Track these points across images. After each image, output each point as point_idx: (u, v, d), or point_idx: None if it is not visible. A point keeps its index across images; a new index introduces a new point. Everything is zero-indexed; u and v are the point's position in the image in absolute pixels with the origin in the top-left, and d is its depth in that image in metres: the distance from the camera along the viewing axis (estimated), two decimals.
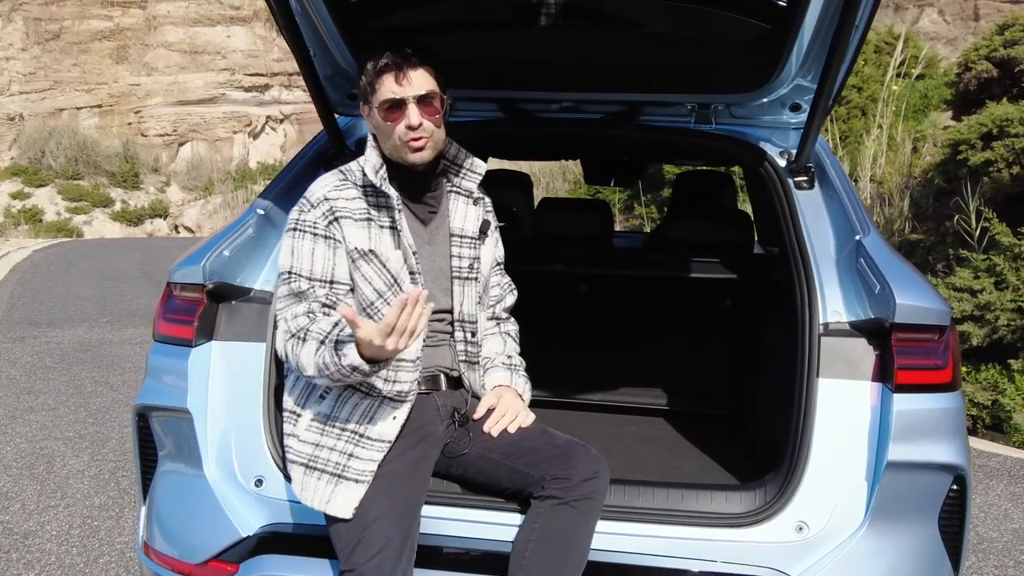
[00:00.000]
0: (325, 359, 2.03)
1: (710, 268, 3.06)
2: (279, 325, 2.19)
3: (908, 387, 2.12)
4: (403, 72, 2.19)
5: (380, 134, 2.28)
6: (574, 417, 3.17)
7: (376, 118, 2.25)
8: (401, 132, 2.21)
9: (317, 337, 2.06)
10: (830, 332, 2.24)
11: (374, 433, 2.18)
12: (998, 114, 7.21)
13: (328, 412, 2.19)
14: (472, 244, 2.41)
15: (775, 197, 2.58)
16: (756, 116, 2.81)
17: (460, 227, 2.40)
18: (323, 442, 2.17)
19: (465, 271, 2.39)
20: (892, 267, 2.22)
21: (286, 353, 2.14)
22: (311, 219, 2.21)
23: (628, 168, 4.54)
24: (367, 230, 2.23)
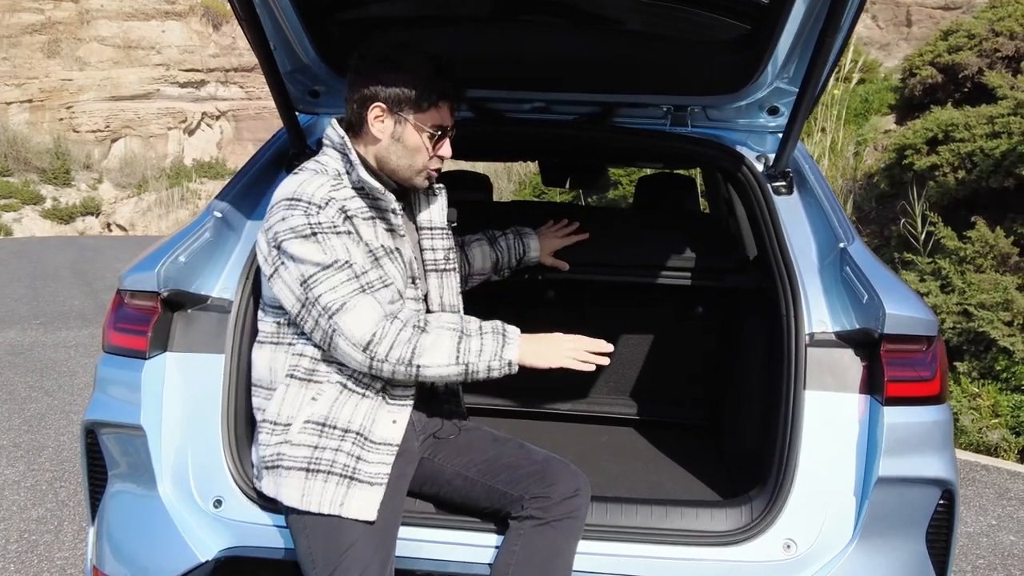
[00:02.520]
0: (481, 346, 1.98)
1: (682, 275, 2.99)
2: (348, 316, 1.95)
3: (898, 400, 2.07)
4: (456, 106, 2.17)
5: (399, 149, 2.13)
6: (544, 428, 3.07)
7: (410, 134, 2.12)
8: (428, 159, 2.15)
9: (452, 327, 1.99)
10: (816, 342, 2.19)
11: (377, 436, 2.06)
12: (944, 119, 7.28)
13: (325, 413, 2.05)
14: (443, 235, 2.34)
15: (754, 203, 2.52)
16: (733, 119, 2.75)
17: (428, 219, 2.32)
18: (323, 443, 2.03)
19: (441, 263, 2.32)
20: (879, 276, 2.17)
21: (394, 342, 1.94)
22: (327, 219, 2.00)
23: (586, 170, 4.46)
24: (374, 230, 2.11)
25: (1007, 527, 4.51)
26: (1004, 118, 6.74)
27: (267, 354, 2.14)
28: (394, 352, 1.95)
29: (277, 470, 2.05)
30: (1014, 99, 6.67)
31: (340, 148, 2.12)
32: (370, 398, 2.07)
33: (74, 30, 31.52)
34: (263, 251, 2.06)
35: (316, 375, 2.07)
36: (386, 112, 2.10)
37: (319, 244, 1.98)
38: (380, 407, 2.08)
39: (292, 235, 1.99)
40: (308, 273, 1.97)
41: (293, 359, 2.09)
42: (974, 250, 6.37)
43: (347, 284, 1.97)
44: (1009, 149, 6.57)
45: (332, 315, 1.96)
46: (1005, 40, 7.81)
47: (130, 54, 31.76)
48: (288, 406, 2.07)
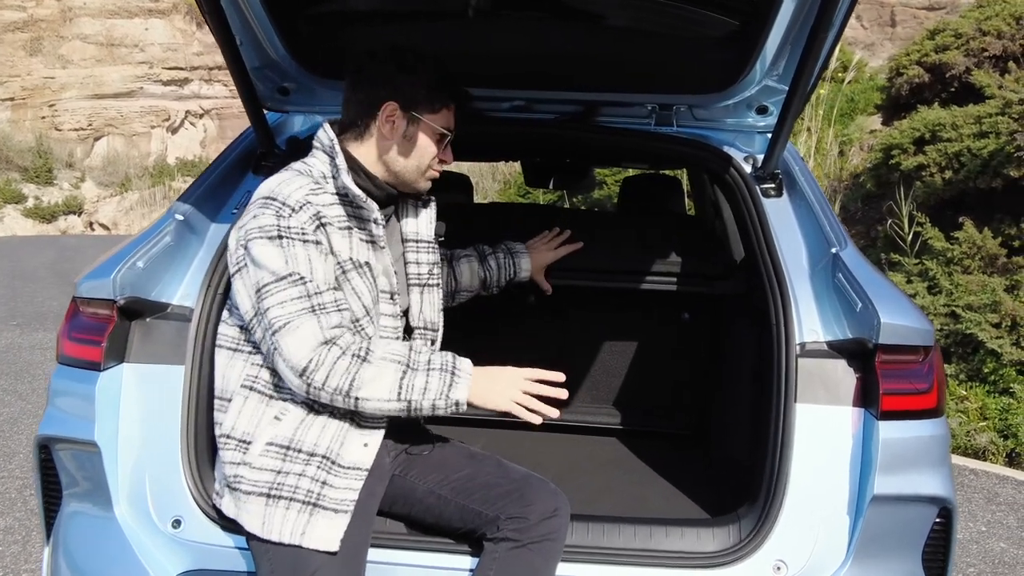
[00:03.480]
0: (426, 383, 1.86)
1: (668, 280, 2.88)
2: (289, 337, 1.84)
3: (893, 414, 1.97)
4: (461, 111, 2.16)
5: (410, 149, 2.08)
6: (525, 438, 2.96)
7: (423, 134, 2.07)
8: (433, 161, 2.11)
9: (397, 360, 1.88)
10: (807, 353, 2.08)
11: (346, 460, 1.95)
12: (931, 119, 7.25)
13: (289, 436, 1.93)
14: (429, 248, 2.25)
15: (742, 206, 2.41)
16: (720, 119, 2.64)
17: (414, 232, 2.23)
18: (286, 468, 1.91)
19: (425, 277, 2.23)
20: (873, 283, 2.07)
21: (331, 371, 1.84)
22: (297, 224, 1.90)
23: (570, 171, 4.36)
24: (348, 240, 2.00)
25: (997, 534, 4.44)
26: (992, 118, 6.72)
27: (223, 360, 2.03)
28: (331, 382, 1.84)
29: (237, 492, 1.94)
30: (1002, 98, 6.62)
31: (329, 151, 2.04)
32: (339, 419, 1.96)
33: (56, 28, 31.31)
34: (232, 250, 1.97)
35: (279, 391, 1.96)
36: (399, 111, 2.04)
37: (282, 250, 1.88)
38: (351, 429, 1.97)
39: (259, 235, 1.90)
40: (263, 281, 1.88)
41: (252, 369, 1.98)
42: (962, 251, 6.35)
43: (296, 301, 1.87)
44: (997, 149, 6.54)
45: (275, 332, 1.86)
46: (992, 39, 7.77)
47: (113, 52, 31.55)
48: (246, 421, 1.96)
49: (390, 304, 2.09)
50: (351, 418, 1.97)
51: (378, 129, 2.05)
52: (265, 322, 1.87)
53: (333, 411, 1.96)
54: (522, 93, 2.63)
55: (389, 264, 2.09)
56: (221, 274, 2.23)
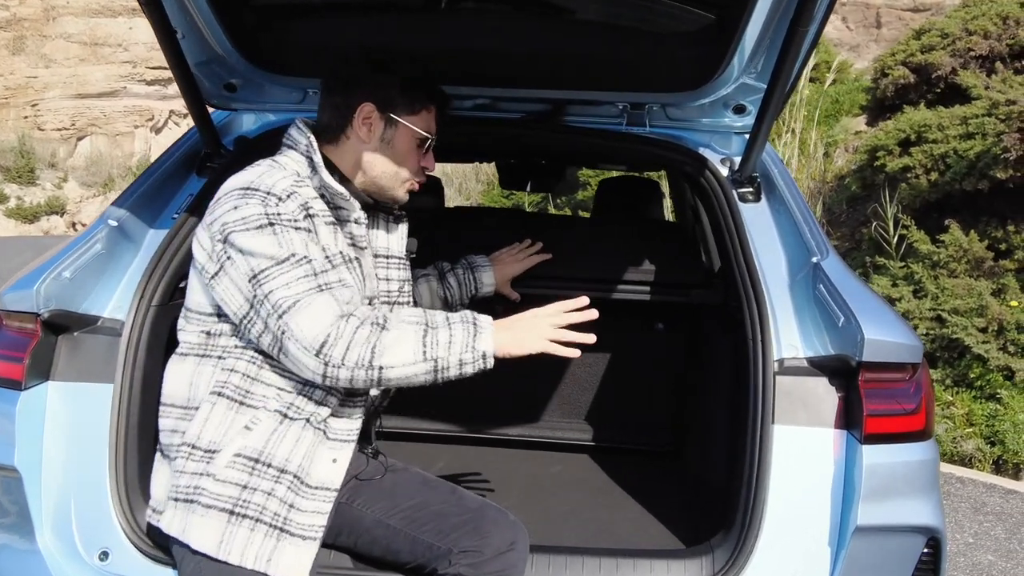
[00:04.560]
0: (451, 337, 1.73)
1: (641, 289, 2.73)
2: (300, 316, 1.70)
3: (878, 437, 1.83)
4: (441, 114, 2.05)
5: (388, 154, 1.97)
6: (491, 455, 2.81)
7: (402, 137, 1.97)
8: (413, 169, 2.01)
9: (415, 320, 1.76)
10: (786, 370, 1.94)
11: (314, 479, 1.81)
12: (916, 119, 7.17)
13: (259, 448, 1.78)
14: (400, 265, 2.14)
15: (717, 211, 2.27)
16: (695, 119, 2.50)
17: (385, 247, 2.11)
18: (253, 483, 1.76)
19: (395, 294, 2.11)
20: (857, 295, 1.93)
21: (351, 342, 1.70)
22: (287, 211, 1.78)
23: (546, 172, 4.22)
24: (333, 237, 1.88)
25: (985, 545, 4.33)
26: (978, 119, 6.65)
27: (189, 367, 1.86)
28: (351, 354, 1.69)
29: (191, 505, 1.77)
30: (989, 99, 6.54)
31: (305, 151, 1.91)
32: (311, 432, 1.82)
33: (40, 27, 31.03)
34: (205, 247, 1.82)
35: (250, 398, 1.81)
36: (376, 112, 1.94)
37: (275, 236, 1.75)
38: (320, 443, 1.84)
39: (243, 226, 1.75)
40: (259, 267, 1.74)
41: (222, 375, 1.82)
42: (948, 254, 6.27)
43: (303, 281, 1.73)
44: (983, 150, 6.46)
45: (283, 314, 1.71)
46: (979, 39, 7.69)
47: (96, 51, 31.28)
48: (212, 429, 1.80)
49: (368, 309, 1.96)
50: (322, 432, 1.84)
51: (355, 132, 1.94)
52: (267, 307, 1.72)
53: (306, 423, 1.82)
54: (486, 91, 2.48)
55: (371, 267, 1.98)
56: (156, 284, 2.07)
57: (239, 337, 1.82)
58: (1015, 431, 5.41)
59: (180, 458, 1.81)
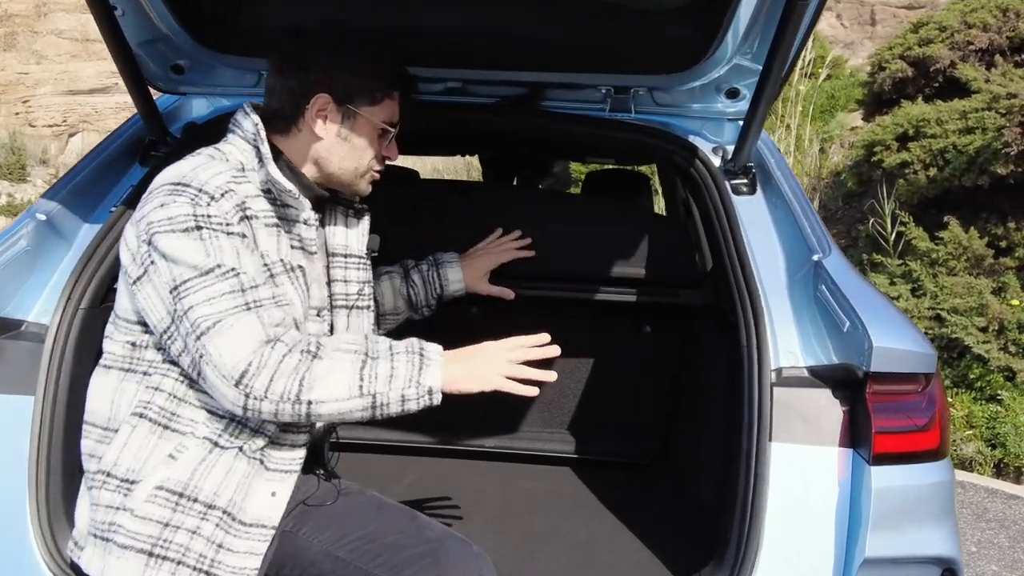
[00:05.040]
0: (392, 370, 1.54)
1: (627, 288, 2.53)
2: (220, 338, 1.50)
3: (888, 457, 1.63)
4: (407, 99, 1.88)
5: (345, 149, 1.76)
6: (464, 468, 2.61)
7: (361, 130, 1.77)
8: (373, 161, 1.82)
9: (353, 349, 1.56)
10: (784, 381, 1.74)
11: (249, 515, 1.61)
12: (915, 114, 7.01)
13: (184, 480, 1.57)
14: (360, 265, 1.93)
15: (708, 204, 2.07)
16: (685, 104, 2.29)
17: (343, 245, 1.91)
18: (176, 521, 1.56)
19: (353, 297, 1.91)
20: (863, 297, 1.73)
21: (275, 372, 1.50)
22: (219, 213, 1.57)
23: (531, 165, 4.03)
24: (276, 240, 1.67)
25: (989, 555, 4.17)
26: (978, 113, 6.47)
27: (111, 382, 1.66)
28: (276, 386, 1.49)
29: (108, 544, 1.57)
30: (989, 92, 6.38)
31: (252, 139, 1.69)
32: (246, 462, 1.62)
33: (31, 23, 30.79)
34: (131, 247, 1.61)
35: (176, 422, 1.60)
36: (333, 104, 1.73)
37: (202, 242, 1.54)
38: (257, 474, 1.63)
39: (169, 227, 1.54)
40: (182, 277, 1.53)
41: (146, 393, 1.61)
42: (947, 252, 6.14)
43: (228, 297, 1.52)
44: (983, 145, 6.28)
45: (201, 335, 1.51)
46: (978, 32, 7.51)
47: (88, 47, 31.03)
48: (132, 456, 1.59)
49: (317, 323, 1.78)
50: (259, 462, 1.63)
51: (307, 125, 1.73)
52: (187, 324, 1.52)
53: (240, 452, 1.62)
54: (457, 73, 2.27)
55: (321, 273, 1.78)
56: (87, 284, 1.87)
57: (165, 351, 1.62)
58: (1016, 433, 5.29)
59: (96, 487, 1.60)
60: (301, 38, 1.74)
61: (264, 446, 1.64)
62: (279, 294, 1.62)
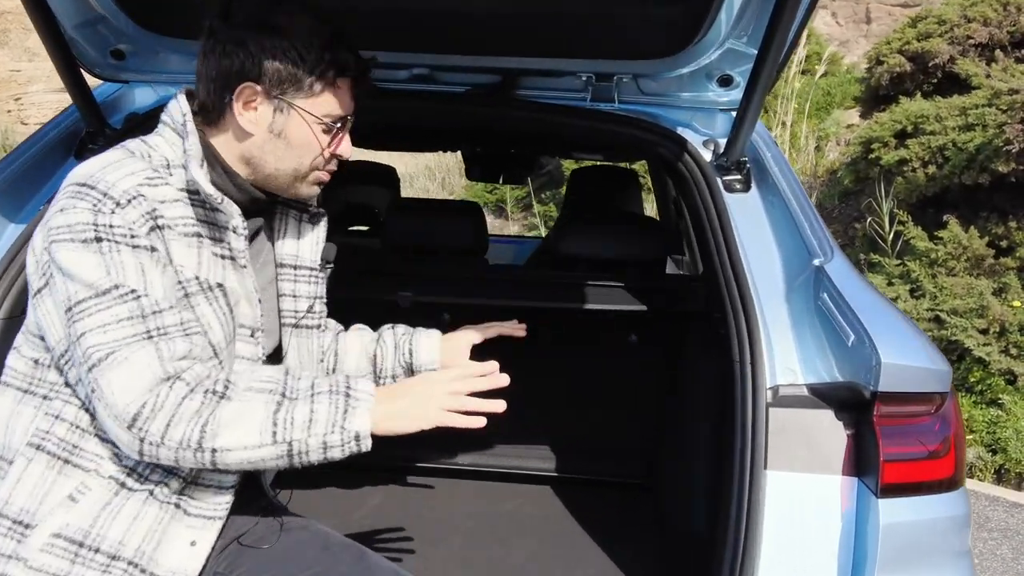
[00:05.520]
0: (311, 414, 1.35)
1: (611, 294, 2.34)
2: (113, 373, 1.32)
3: (898, 488, 1.44)
4: (358, 86, 1.59)
5: (280, 147, 1.53)
6: (433, 489, 2.42)
7: (296, 127, 1.52)
8: (319, 160, 1.57)
9: (268, 388, 1.38)
10: (781, 401, 1.55)
11: (162, 567, 1.41)
12: (913, 110, 6.90)
13: (86, 526, 1.38)
14: (311, 277, 1.71)
15: (698, 201, 1.89)
16: (673, 92, 2.10)
17: (293, 254, 1.69)
18: (75, 574, 1.37)
19: (302, 314, 1.69)
20: (870, 307, 1.55)
21: (173, 415, 1.32)
22: (123, 223, 1.36)
23: (516, 162, 3.84)
24: (195, 253, 1.45)
25: (992, 567, 4.02)
26: (978, 109, 6.35)
27: (7, 404, 1.46)
28: (174, 431, 1.30)
29: None
30: (990, 88, 6.25)
31: (180, 131, 1.48)
32: (158, 507, 1.43)
33: (23, 20, 30.52)
34: (36, 253, 1.42)
35: (78, 456, 1.40)
36: (262, 96, 1.49)
37: (102, 256, 1.33)
38: (175, 521, 1.44)
39: (68, 235, 1.34)
40: (76, 297, 1.33)
41: (45, 421, 1.41)
42: (946, 252, 6.03)
43: (125, 324, 1.32)
44: (984, 142, 6.17)
45: (92, 367, 1.31)
46: (978, 26, 7.38)
47: None
48: (27, 494, 1.39)
49: (249, 344, 1.55)
50: (176, 506, 1.44)
51: (235, 118, 1.50)
52: (79, 352, 1.33)
53: (151, 494, 1.42)
54: (424, 58, 2.08)
55: (253, 290, 1.54)
56: (6, 291, 1.69)
57: None
58: (1018, 438, 5.20)
59: None
60: (227, 17, 1.50)
61: (182, 488, 1.44)
62: (189, 320, 1.41)
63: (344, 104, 1.55)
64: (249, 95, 1.48)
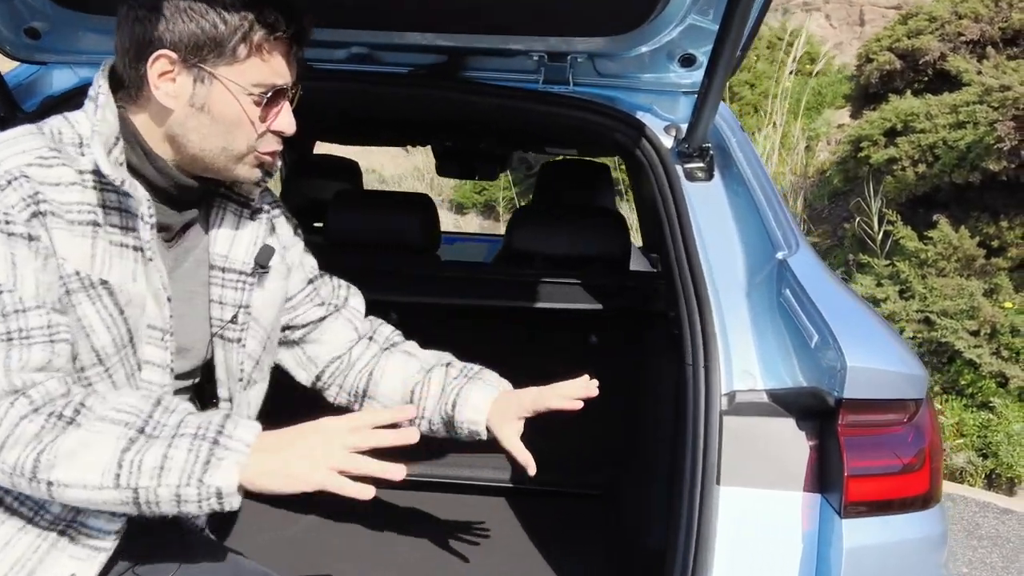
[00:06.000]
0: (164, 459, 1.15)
1: (568, 292, 2.19)
2: None
3: (865, 506, 1.29)
4: (294, 51, 1.38)
5: (205, 124, 1.34)
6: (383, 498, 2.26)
7: (220, 98, 1.33)
8: (255, 138, 1.37)
9: (124, 420, 1.18)
10: (738, 408, 1.40)
11: None
12: (903, 108, 6.84)
13: None
14: (240, 283, 1.50)
15: (656, 192, 1.74)
16: (632, 74, 1.94)
17: (223, 254, 1.48)
18: None
19: (227, 327, 1.49)
20: (837, 304, 1.40)
21: (9, 436, 1.14)
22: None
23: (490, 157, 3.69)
24: (90, 244, 1.28)
25: None
26: (969, 106, 6.28)
27: None
28: (8, 454, 1.14)
29: None
30: (981, 85, 6.17)
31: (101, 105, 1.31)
32: (38, 533, 1.27)
33: None
34: None
35: None
36: (179, 65, 1.31)
37: None
38: (54, 550, 1.27)
39: None
40: None
41: None
42: (936, 252, 5.97)
43: None
44: (975, 140, 6.11)
45: None
46: (969, 23, 7.30)
47: None
48: None
49: (158, 348, 1.37)
50: (59, 531, 1.28)
51: (151, 93, 1.32)
52: None
53: (31, 515, 1.27)
54: (363, 35, 1.92)
55: (160, 287, 1.37)
56: None
57: None
58: (1009, 443, 5.10)
59: None
60: None
61: (73, 514, 1.28)
62: (58, 324, 1.24)
63: (277, 71, 1.35)
64: (164, 65, 1.29)
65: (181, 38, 1.29)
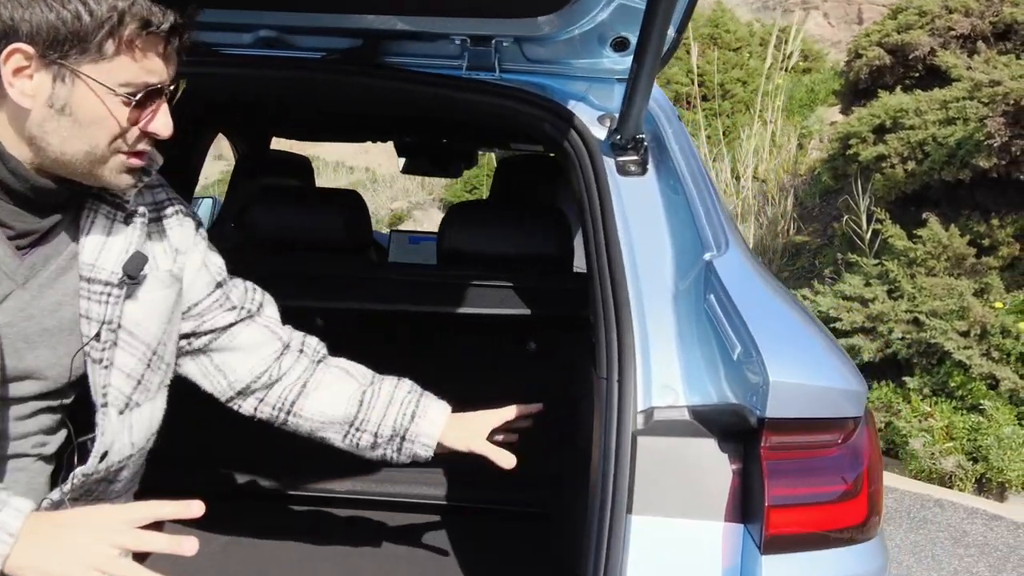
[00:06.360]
0: None
1: (503, 295, 2.04)
2: None
3: (787, 540, 1.14)
4: (173, 45, 1.23)
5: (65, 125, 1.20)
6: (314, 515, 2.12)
7: (83, 99, 1.19)
8: (122, 140, 1.23)
9: None
10: (655, 427, 1.25)
11: None
12: (892, 104, 6.74)
13: None
14: (104, 296, 1.34)
15: (581, 186, 1.59)
16: (563, 59, 1.79)
17: (90, 263, 1.33)
18: None
19: (90, 344, 1.34)
20: (764, 309, 1.25)
21: None
22: None
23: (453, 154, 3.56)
24: None
25: None
26: (959, 102, 6.20)
27: None
28: None
29: None
30: (971, 80, 6.08)
31: None
32: None
33: None
34: None
35: None
36: (36, 61, 1.17)
37: None
38: None
39: None
40: None
41: None
42: (925, 251, 5.88)
43: None
44: (965, 136, 6.01)
45: None
46: (960, 17, 7.21)
47: None
48: None
49: None
50: None
51: (7, 90, 1.18)
52: None
53: None
54: (272, 17, 1.77)
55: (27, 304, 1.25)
56: None
57: None
58: (1000, 446, 5.01)
59: None
60: None
61: None
62: None
63: (151, 68, 1.22)
64: (19, 60, 1.15)
65: (39, 30, 1.14)
